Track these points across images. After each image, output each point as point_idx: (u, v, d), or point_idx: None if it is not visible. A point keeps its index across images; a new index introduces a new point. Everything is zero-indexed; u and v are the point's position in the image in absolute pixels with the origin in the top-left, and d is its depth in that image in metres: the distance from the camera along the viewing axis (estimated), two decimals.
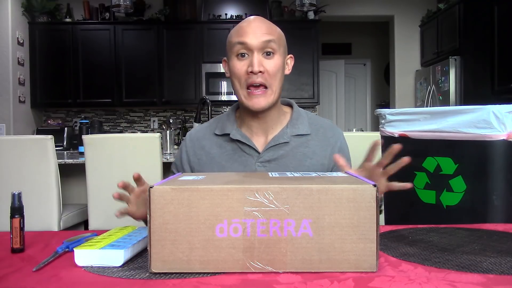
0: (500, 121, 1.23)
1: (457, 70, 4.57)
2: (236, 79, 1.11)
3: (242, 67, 1.09)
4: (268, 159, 1.13)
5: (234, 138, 1.15)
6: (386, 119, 1.52)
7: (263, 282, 0.62)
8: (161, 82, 5.07)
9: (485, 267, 0.68)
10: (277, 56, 1.10)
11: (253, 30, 1.08)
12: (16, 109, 4.64)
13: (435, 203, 1.36)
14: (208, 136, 1.20)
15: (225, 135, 1.17)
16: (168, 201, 0.66)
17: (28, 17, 4.93)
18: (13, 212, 0.79)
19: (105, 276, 0.66)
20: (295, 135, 1.15)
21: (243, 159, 1.14)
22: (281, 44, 1.12)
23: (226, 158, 1.15)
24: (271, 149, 1.14)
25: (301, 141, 1.16)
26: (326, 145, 1.17)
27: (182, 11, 5.11)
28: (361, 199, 0.65)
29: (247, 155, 1.14)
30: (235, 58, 1.10)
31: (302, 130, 1.16)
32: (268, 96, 1.09)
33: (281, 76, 1.12)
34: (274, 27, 1.13)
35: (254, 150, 1.14)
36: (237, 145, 1.15)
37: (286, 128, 1.16)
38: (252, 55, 1.08)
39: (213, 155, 1.17)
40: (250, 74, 1.07)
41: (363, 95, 7.20)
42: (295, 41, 5.17)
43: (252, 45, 1.07)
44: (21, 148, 2.30)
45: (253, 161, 1.13)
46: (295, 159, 1.13)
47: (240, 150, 1.15)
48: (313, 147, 1.16)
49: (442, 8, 4.95)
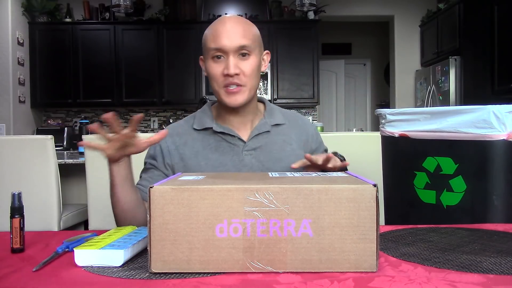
0: (500, 121, 1.23)
1: (457, 70, 4.57)
2: (213, 80, 1.14)
3: (218, 68, 1.12)
4: (254, 147, 1.18)
5: (217, 130, 1.18)
6: (386, 119, 1.52)
7: (263, 282, 0.62)
8: (161, 82, 5.07)
9: (485, 267, 0.68)
10: (253, 57, 1.13)
11: (227, 34, 1.10)
12: (16, 109, 4.64)
13: (435, 203, 1.36)
14: (188, 132, 1.21)
15: (206, 129, 1.20)
16: (168, 201, 0.66)
17: (28, 17, 4.93)
18: (13, 212, 0.79)
19: (105, 276, 0.66)
20: (273, 125, 1.23)
21: (228, 150, 1.17)
22: (256, 45, 1.15)
23: (212, 150, 1.17)
24: (255, 137, 1.19)
25: (278, 130, 1.24)
26: (300, 131, 1.27)
27: (182, 11, 5.11)
28: (361, 199, 0.65)
29: (232, 145, 1.18)
30: (211, 60, 1.13)
31: (278, 120, 1.24)
32: (244, 93, 1.13)
33: (257, 74, 1.17)
34: (249, 28, 1.15)
35: (239, 140, 1.18)
36: (220, 137, 1.19)
37: (265, 118, 1.23)
38: (227, 58, 1.11)
39: (197, 149, 1.18)
40: (226, 77, 1.11)
41: (363, 95, 7.19)
42: (295, 41, 5.17)
43: (226, 49, 1.10)
44: (21, 148, 2.29)
45: (240, 150, 1.17)
46: (277, 146, 1.21)
47: (225, 141, 1.18)
48: (290, 134, 1.25)
49: (442, 8, 4.95)
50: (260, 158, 1.18)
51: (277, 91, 5.05)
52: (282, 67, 5.11)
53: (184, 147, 1.19)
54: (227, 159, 1.16)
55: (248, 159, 1.17)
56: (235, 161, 1.16)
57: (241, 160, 1.16)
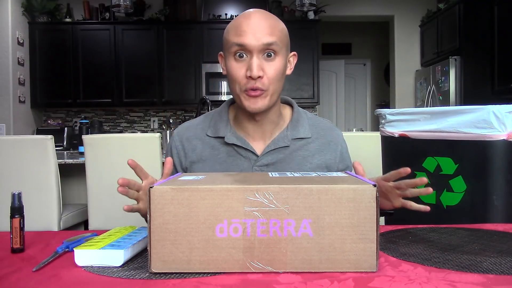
0: (500, 121, 1.23)
1: (457, 70, 4.57)
2: (234, 82, 1.02)
3: (240, 69, 1.00)
4: (267, 163, 1.07)
5: (229, 142, 1.08)
6: (386, 119, 1.52)
7: (263, 282, 0.62)
8: (161, 82, 5.07)
9: (485, 267, 0.68)
10: (279, 58, 1.01)
11: (252, 29, 0.97)
12: (16, 109, 4.64)
13: (435, 203, 1.36)
14: (199, 136, 1.12)
15: (219, 137, 1.10)
16: (168, 201, 0.66)
17: (28, 17, 4.93)
18: (13, 212, 0.79)
19: (105, 276, 0.66)
20: (295, 138, 1.09)
21: (238, 163, 1.07)
22: (283, 44, 1.02)
23: (220, 161, 1.08)
24: (270, 152, 1.07)
25: (300, 144, 1.10)
26: (326, 149, 1.12)
27: (182, 11, 5.11)
28: (361, 199, 0.65)
29: (244, 158, 1.07)
30: (232, 59, 1.01)
31: (302, 133, 1.10)
32: (265, 98, 1.01)
33: (282, 78, 1.04)
34: (277, 23, 1.02)
35: (251, 153, 1.07)
36: (232, 148, 1.08)
37: (286, 130, 1.10)
38: (251, 58, 0.98)
39: (205, 158, 1.10)
40: (248, 79, 0.99)
41: (363, 95, 7.19)
42: (295, 41, 5.14)
43: (251, 47, 0.98)
44: (21, 148, 2.29)
45: (250, 165, 1.07)
46: (294, 163, 1.08)
47: (236, 153, 1.08)
48: (313, 151, 1.11)
49: (442, 8, 4.95)
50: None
51: None
52: None
53: (193, 153, 1.11)
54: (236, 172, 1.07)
55: None
56: None
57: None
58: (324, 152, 1.12)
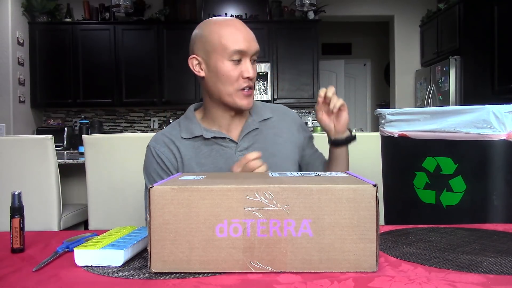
0: (500, 121, 1.23)
1: (457, 70, 4.57)
2: (228, 82, 1.14)
3: (235, 71, 1.13)
4: (246, 146, 1.20)
5: (208, 137, 1.18)
6: (386, 119, 1.52)
7: (263, 282, 0.62)
8: (161, 82, 5.07)
9: (485, 267, 0.68)
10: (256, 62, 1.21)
11: (248, 38, 1.13)
12: (16, 109, 4.64)
13: (435, 203, 1.36)
14: (177, 139, 1.20)
15: (196, 137, 1.19)
16: (168, 201, 0.66)
17: (28, 17, 4.93)
18: (13, 212, 0.79)
19: (105, 276, 0.66)
20: (261, 121, 1.24)
21: (222, 152, 1.18)
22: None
23: (205, 156, 1.18)
24: (246, 137, 1.21)
25: (267, 124, 1.25)
26: (289, 122, 1.29)
27: (182, 11, 5.11)
28: (361, 199, 0.65)
29: (225, 147, 1.19)
30: (228, 62, 1.13)
31: (265, 115, 1.26)
32: (252, 95, 1.19)
33: None
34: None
35: (230, 141, 1.19)
36: (212, 141, 1.19)
37: (251, 116, 1.24)
38: (244, 61, 1.14)
39: (190, 156, 1.18)
40: (245, 79, 1.14)
41: (363, 95, 7.20)
42: (295, 41, 5.17)
43: (249, 53, 1.13)
44: (21, 148, 2.30)
45: (233, 152, 1.18)
46: (269, 140, 1.23)
47: (217, 145, 1.19)
48: (279, 127, 1.27)
49: (442, 8, 4.95)
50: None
51: (277, 91, 5.05)
52: (282, 67, 5.11)
53: (178, 155, 1.19)
54: (221, 162, 1.17)
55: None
56: (230, 163, 1.15)
57: (235, 161, 1.15)
58: (289, 125, 1.29)
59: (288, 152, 1.24)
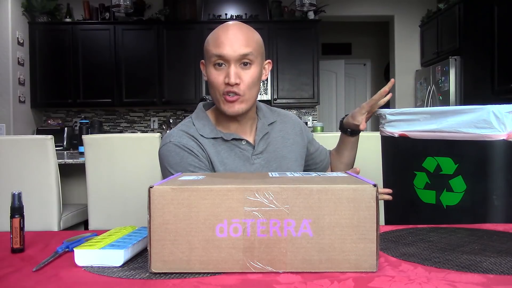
0: (500, 121, 1.22)
1: (457, 70, 4.57)
2: (213, 87, 1.14)
3: (219, 76, 1.11)
4: (261, 150, 1.21)
5: (228, 139, 1.17)
6: (386, 119, 1.52)
7: (263, 282, 0.62)
8: (161, 82, 5.07)
9: (485, 267, 0.68)
10: (254, 66, 1.12)
11: (230, 41, 1.09)
12: (16, 109, 4.64)
13: (435, 203, 1.36)
14: (199, 137, 1.18)
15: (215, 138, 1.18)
16: (168, 201, 0.66)
17: (28, 17, 4.93)
18: (13, 212, 0.79)
19: (105, 276, 0.66)
20: (269, 124, 1.26)
21: (240, 154, 1.18)
22: (258, 54, 1.14)
23: (226, 156, 1.17)
24: (261, 140, 1.22)
25: (274, 128, 1.26)
26: (292, 124, 1.31)
27: (182, 11, 5.11)
28: (361, 199, 0.65)
29: (243, 150, 1.19)
30: (212, 67, 1.12)
31: (271, 118, 1.27)
32: (242, 102, 1.13)
33: (257, 84, 1.15)
34: (252, 35, 1.13)
35: (248, 144, 1.19)
36: (230, 143, 1.18)
37: (260, 120, 1.25)
38: (229, 66, 1.10)
39: (213, 155, 1.17)
40: (226, 85, 1.10)
41: (363, 95, 7.19)
42: (295, 41, 5.17)
43: (228, 57, 1.09)
44: (21, 148, 2.30)
45: (249, 155, 1.19)
46: (279, 143, 1.24)
47: (235, 147, 1.18)
48: (285, 129, 1.28)
49: (442, 8, 4.95)
50: (267, 159, 1.20)
51: (277, 91, 5.06)
52: (282, 67, 5.11)
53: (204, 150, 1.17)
54: (239, 164, 1.17)
55: (257, 162, 1.19)
56: (247, 166, 1.17)
57: (252, 164, 1.18)
58: (293, 127, 1.31)
59: (297, 154, 1.27)
